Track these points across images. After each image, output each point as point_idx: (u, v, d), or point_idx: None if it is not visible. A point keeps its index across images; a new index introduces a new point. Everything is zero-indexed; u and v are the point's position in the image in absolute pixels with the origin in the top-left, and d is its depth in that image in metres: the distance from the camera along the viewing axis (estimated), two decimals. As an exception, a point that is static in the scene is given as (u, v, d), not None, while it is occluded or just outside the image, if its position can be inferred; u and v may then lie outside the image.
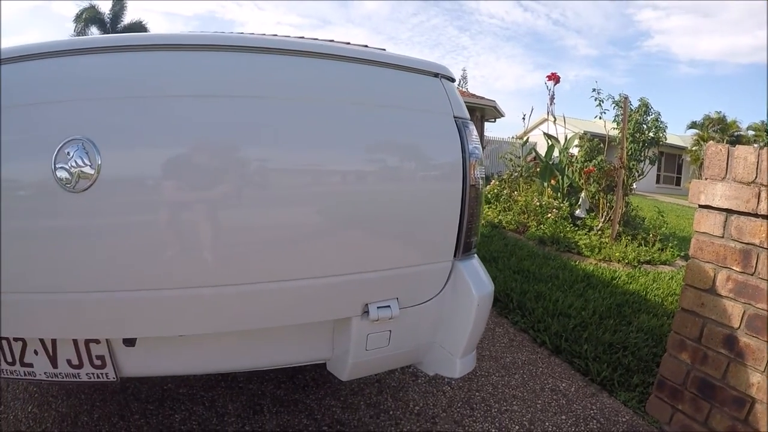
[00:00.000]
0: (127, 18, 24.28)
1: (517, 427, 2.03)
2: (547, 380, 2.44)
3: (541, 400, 2.25)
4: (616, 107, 5.88)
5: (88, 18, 23.28)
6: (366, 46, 10.85)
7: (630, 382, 2.40)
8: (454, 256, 1.49)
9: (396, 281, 1.41)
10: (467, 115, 1.50)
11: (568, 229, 5.74)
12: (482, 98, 17.49)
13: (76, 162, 1.13)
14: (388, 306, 1.38)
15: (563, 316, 3.11)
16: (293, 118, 1.26)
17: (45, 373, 1.48)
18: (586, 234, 5.60)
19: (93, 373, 1.46)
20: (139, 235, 1.22)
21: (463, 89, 22.73)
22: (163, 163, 1.20)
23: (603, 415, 2.16)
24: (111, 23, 23.53)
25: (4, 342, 1.46)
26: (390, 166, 1.41)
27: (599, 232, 5.72)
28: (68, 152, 1.13)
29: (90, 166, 1.13)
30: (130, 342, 1.38)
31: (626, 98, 5.61)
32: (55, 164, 1.13)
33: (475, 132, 1.50)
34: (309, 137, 1.29)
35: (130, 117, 1.19)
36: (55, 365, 1.46)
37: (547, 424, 2.08)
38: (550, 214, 6.10)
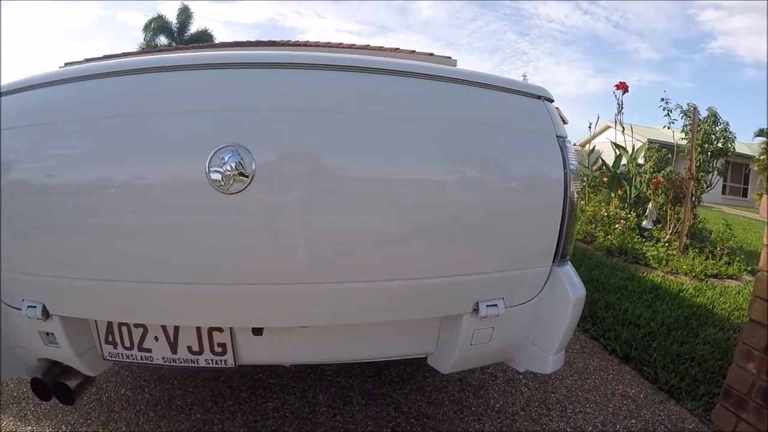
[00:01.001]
0: (193, 27, 25.49)
1: (590, 428, 2.17)
2: (618, 386, 2.57)
3: (613, 404, 2.39)
4: (684, 117, 5.92)
5: (156, 27, 24.50)
6: (431, 54, 10.98)
7: (696, 392, 2.51)
8: (553, 261, 1.64)
9: (503, 283, 1.57)
10: (566, 133, 1.65)
11: (635, 240, 5.80)
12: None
13: (231, 166, 1.30)
14: (496, 305, 1.54)
15: (632, 326, 3.25)
16: (417, 135, 1.44)
17: (163, 358, 1.65)
18: (653, 245, 5.65)
19: (212, 360, 1.63)
20: (279, 234, 1.39)
21: None
22: (307, 171, 1.39)
23: (670, 421, 2.28)
24: (178, 32, 24.72)
25: (123, 328, 1.65)
26: (501, 181, 1.56)
27: (666, 244, 5.75)
28: (223, 157, 1.30)
29: (244, 171, 1.30)
30: (258, 331, 1.56)
31: (695, 108, 5.62)
32: (209, 167, 1.31)
33: (572, 149, 1.68)
34: (431, 152, 1.46)
35: (281, 128, 1.37)
36: (174, 351, 1.64)
37: (618, 426, 2.21)
38: (617, 225, 6.17)
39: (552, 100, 1.67)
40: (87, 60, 12.73)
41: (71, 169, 1.49)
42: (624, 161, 7.33)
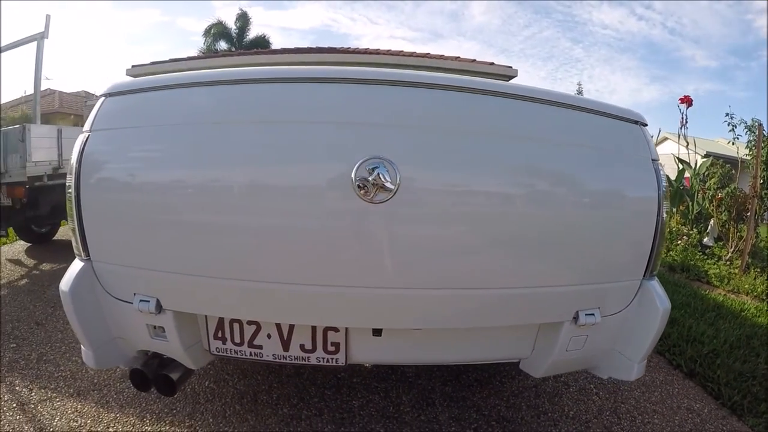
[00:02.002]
0: (251, 32, 26.46)
1: (659, 439, 2.32)
2: (683, 400, 2.70)
3: (678, 417, 2.52)
4: (748, 132, 5.95)
5: (216, 33, 25.58)
6: (492, 63, 11.08)
7: (757, 409, 2.61)
8: (643, 275, 1.80)
9: (600, 294, 1.73)
10: (658, 157, 1.82)
11: (697, 257, 5.86)
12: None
13: (377, 177, 1.44)
14: (593, 314, 1.70)
15: (696, 343, 3.36)
16: (530, 155, 1.61)
17: (273, 355, 1.79)
18: (714, 263, 5.70)
19: (323, 358, 1.78)
20: (413, 243, 1.53)
21: None
22: (443, 185, 1.55)
23: (733, 437, 2.42)
24: (237, 37, 25.73)
25: (235, 324, 1.77)
26: (602, 200, 1.71)
27: (728, 263, 5.79)
28: (370, 168, 1.44)
29: (390, 182, 1.45)
30: (378, 332, 1.73)
31: (760, 125, 5.66)
32: (355, 177, 1.44)
33: (663, 171, 1.83)
34: (542, 172, 1.63)
35: (425, 145, 1.53)
36: (286, 349, 1.78)
37: (684, 439, 2.36)
38: (680, 241, 6.23)
39: (646, 125, 1.83)
40: (153, 63, 13.11)
41: (203, 169, 1.64)
42: (686, 174, 7.33)
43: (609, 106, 1.77)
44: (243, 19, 25.74)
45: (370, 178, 1.44)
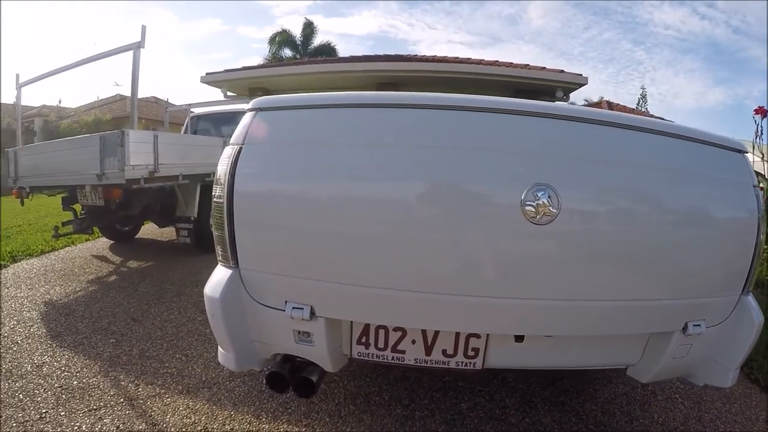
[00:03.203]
0: (316, 40, 27.77)
1: (740, 448, 2.54)
2: (761, 413, 2.89)
3: (758, 428, 2.73)
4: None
5: (281, 41, 27.07)
6: (562, 71, 11.26)
7: None
8: (742, 291, 2.05)
9: (705, 306, 1.98)
10: (757, 182, 2.06)
11: (775, 272, 5.96)
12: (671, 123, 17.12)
13: (543, 202, 1.64)
14: (699, 324, 1.94)
15: (774, 358, 3.56)
16: (651, 183, 1.83)
17: (415, 359, 1.97)
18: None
19: (462, 362, 1.95)
20: (557, 258, 1.76)
21: (643, 110, 22.63)
22: (596, 210, 1.80)
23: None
24: (302, 45, 27.12)
25: (381, 330, 1.94)
26: (710, 224, 1.91)
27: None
28: (536, 194, 1.64)
29: (554, 206, 1.65)
30: (519, 338, 1.92)
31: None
32: (524, 200, 1.65)
33: (761, 194, 2.07)
34: (662, 198, 1.85)
35: (583, 174, 1.75)
36: (428, 353, 1.95)
37: (763, 450, 2.57)
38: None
39: (747, 152, 2.07)
40: (226, 70, 13.63)
41: (360, 186, 1.81)
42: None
43: (717, 137, 2.00)
44: (309, 28, 27.05)
45: (536, 203, 1.64)
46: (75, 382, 3.03)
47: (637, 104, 23.73)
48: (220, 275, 1.97)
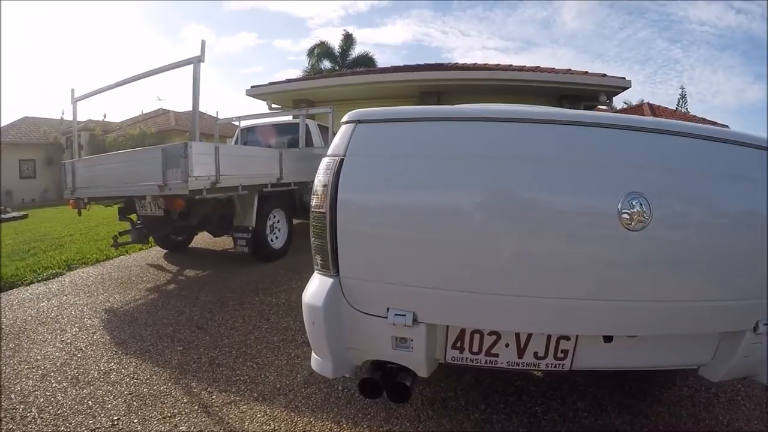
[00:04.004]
0: (354, 51, 29.13)
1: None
2: None
3: None
4: None
5: (320, 53, 28.38)
6: (604, 75, 11.53)
7: None
8: None
9: None
10: None
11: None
12: (714, 123, 17.01)
13: (637, 210, 1.76)
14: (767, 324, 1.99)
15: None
16: (711, 189, 1.92)
17: (507, 362, 2.04)
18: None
19: (552, 364, 2.04)
20: (647, 261, 1.86)
21: (683, 110, 22.52)
22: (680, 217, 1.90)
23: None
24: (340, 56, 28.47)
25: (476, 335, 2.02)
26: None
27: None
28: (631, 202, 1.76)
29: (646, 214, 1.77)
30: (608, 339, 2.00)
31: None
32: (620, 208, 1.77)
33: None
34: (737, 206, 1.93)
35: (669, 184, 1.86)
36: (520, 356, 2.03)
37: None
38: None
39: None
40: (271, 83, 14.31)
41: (460, 196, 1.90)
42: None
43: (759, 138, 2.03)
44: (348, 40, 28.40)
45: (632, 210, 1.78)
46: (145, 389, 3.13)
47: (678, 104, 23.62)
48: (319, 283, 2.06)
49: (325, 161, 2.06)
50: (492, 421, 2.69)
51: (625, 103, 21.91)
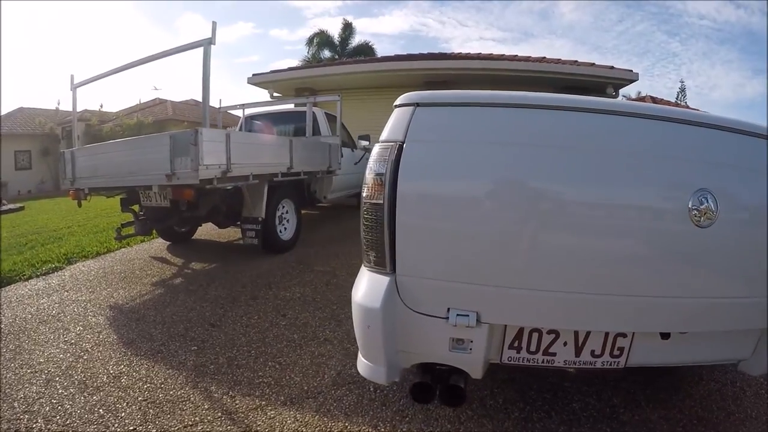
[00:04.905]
0: (353, 41, 29.51)
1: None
2: None
3: None
4: None
5: (320, 42, 28.68)
6: (612, 67, 11.78)
7: None
8: None
9: None
10: None
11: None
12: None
13: (707, 206, 1.77)
14: None
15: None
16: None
17: (564, 361, 2.05)
18: None
19: (607, 362, 2.04)
20: (710, 258, 1.90)
21: (683, 103, 22.87)
22: (740, 215, 1.92)
23: None
24: (340, 45, 28.84)
25: (534, 334, 2.00)
26: None
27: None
28: (700, 199, 1.77)
29: (714, 211, 1.77)
30: (665, 336, 2.02)
31: None
32: (690, 204, 1.78)
33: None
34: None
35: (733, 179, 1.88)
36: (578, 355, 2.04)
37: None
38: None
39: None
40: (272, 71, 14.47)
41: (530, 189, 1.88)
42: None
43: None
44: (348, 29, 28.85)
45: (701, 207, 1.80)
46: (161, 395, 2.98)
47: (677, 98, 23.93)
48: (373, 282, 1.98)
49: (378, 148, 1.96)
50: (533, 419, 2.71)
51: (624, 96, 22.12)
